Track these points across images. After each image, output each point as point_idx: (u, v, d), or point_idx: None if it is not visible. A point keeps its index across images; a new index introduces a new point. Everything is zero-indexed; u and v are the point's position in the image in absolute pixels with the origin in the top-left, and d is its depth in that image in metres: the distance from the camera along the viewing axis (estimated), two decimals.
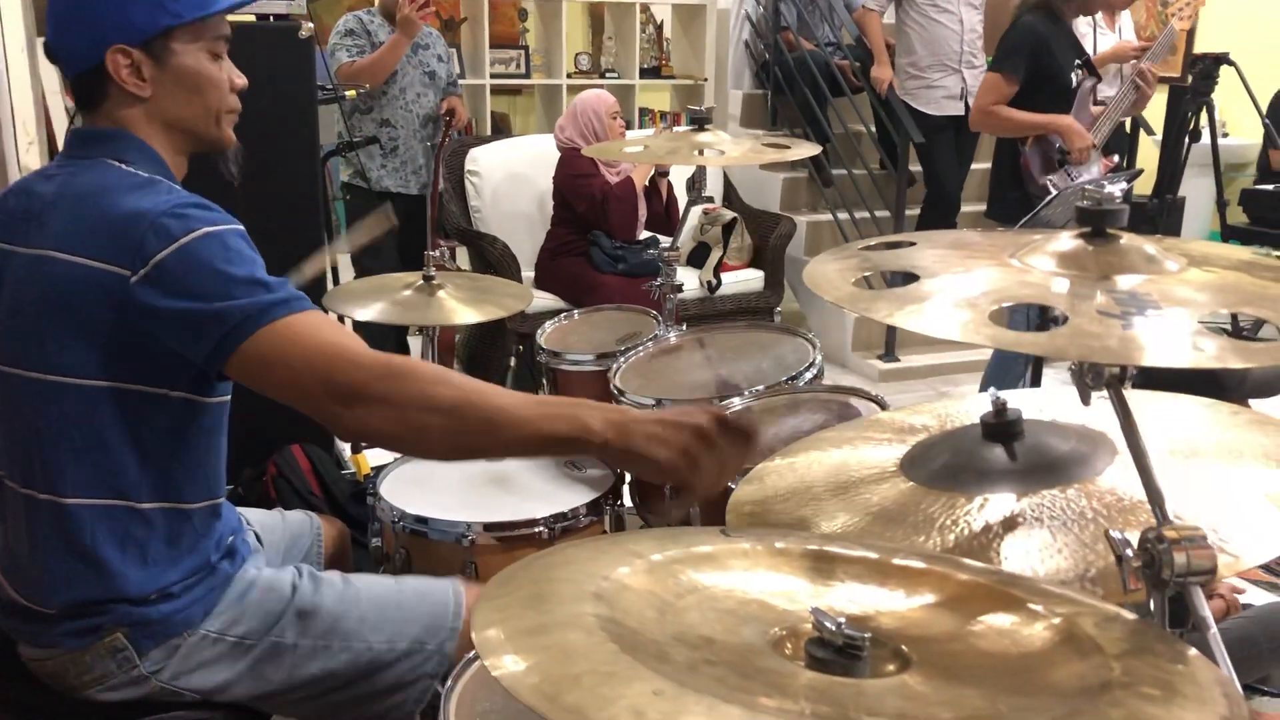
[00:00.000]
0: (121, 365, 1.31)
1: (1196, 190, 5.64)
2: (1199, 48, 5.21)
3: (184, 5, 1.37)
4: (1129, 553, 0.88)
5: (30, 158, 2.84)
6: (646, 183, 4.13)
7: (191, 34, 1.39)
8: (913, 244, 1.11)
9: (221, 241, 1.29)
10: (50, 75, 3.10)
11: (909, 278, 1.00)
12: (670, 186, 4.19)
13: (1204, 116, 4.09)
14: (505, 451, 1.28)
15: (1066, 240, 1.00)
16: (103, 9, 1.35)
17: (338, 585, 1.52)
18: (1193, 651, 0.80)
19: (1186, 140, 4.21)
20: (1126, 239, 0.99)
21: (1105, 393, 0.93)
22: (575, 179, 4.09)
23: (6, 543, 1.42)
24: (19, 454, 1.37)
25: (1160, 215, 4.37)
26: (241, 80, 1.47)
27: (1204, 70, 3.99)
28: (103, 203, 1.31)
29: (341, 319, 2.94)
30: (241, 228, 1.34)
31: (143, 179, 1.36)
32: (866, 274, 1.06)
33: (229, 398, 1.44)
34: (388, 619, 1.49)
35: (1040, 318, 2.13)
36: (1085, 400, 0.96)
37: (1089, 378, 0.92)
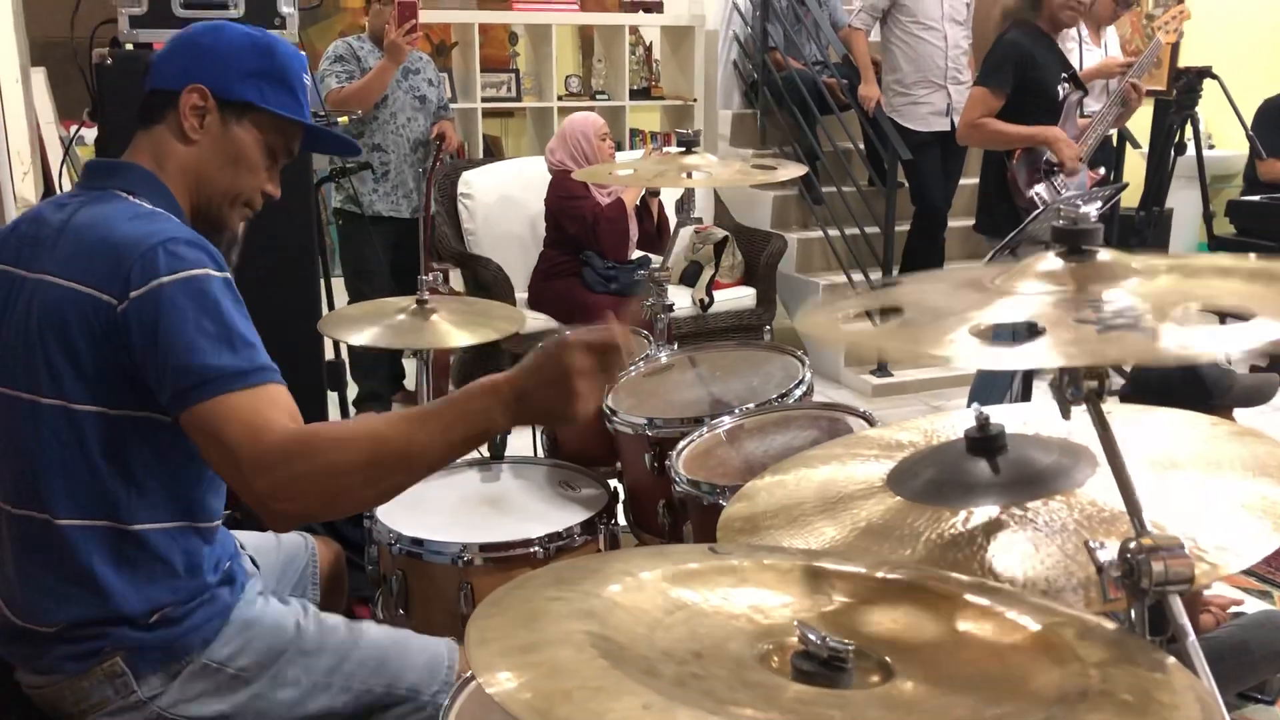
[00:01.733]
0: (109, 390, 1.33)
1: (1183, 202, 5.68)
2: (1183, 61, 5.25)
3: (273, 97, 1.48)
4: (1108, 562, 0.90)
5: (25, 187, 2.86)
6: (638, 203, 4.16)
7: (264, 123, 1.49)
8: (897, 283, 1.14)
9: (201, 289, 1.30)
10: (45, 106, 3.13)
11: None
12: (661, 206, 4.21)
13: (1189, 129, 4.12)
14: (427, 474, 1.32)
15: (1045, 260, 1.02)
16: (214, 54, 1.46)
17: (340, 629, 1.54)
18: (1170, 659, 0.82)
19: (1172, 153, 4.24)
20: (1102, 254, 1.01)
21: (1084, 407, 0.95)
22: (566, 201, 4.11)
23: (2, 565, 1.43)
24: (12, 476, 1.39)
25: (1148, 227, 4.41)
26: (275, 190, 1.55)
27: (1188, 83, 4.02)
28: (102, 230, 1.34)
29: (337, 345, 2.95)
30: (229, 276, 1.35)
31: (145, 210, 1.39)
32: (867, 311, 1.08)
33: None
34: (387, 664, 1.52)
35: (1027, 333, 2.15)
36: (1065, 414, 0.97)
37: (1068, 391, 0.95)
